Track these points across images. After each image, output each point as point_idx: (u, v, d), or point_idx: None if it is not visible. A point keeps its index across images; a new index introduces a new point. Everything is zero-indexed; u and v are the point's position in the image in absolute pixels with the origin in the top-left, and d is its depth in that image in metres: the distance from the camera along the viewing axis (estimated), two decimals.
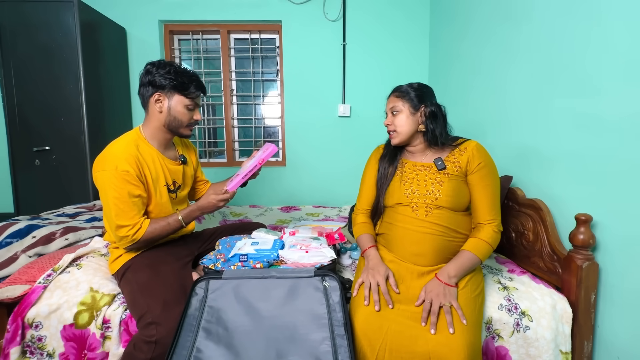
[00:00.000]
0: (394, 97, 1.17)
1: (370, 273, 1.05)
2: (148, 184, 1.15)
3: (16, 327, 1.06)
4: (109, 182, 1.06)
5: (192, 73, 1.18)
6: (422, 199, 1.09)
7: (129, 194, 1.07)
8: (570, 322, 1.10)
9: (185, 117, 1.18)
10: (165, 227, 1.15)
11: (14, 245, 1.34)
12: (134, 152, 1.12)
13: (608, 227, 1.08)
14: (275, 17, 2.60)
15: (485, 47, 1.79)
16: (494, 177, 1.10)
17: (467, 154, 1.10)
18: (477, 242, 1.06)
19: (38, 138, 2.17)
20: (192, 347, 0.89)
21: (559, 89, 1.27)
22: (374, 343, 0.93)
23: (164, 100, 1.15)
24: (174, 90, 1.14)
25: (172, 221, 1.16)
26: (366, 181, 1.27)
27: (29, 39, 2.09)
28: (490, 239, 1.06)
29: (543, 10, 1.36)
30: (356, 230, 1.24)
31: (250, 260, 1.12)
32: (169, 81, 1.13)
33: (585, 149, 1.15)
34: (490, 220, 1.08)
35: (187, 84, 1.15)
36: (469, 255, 1.04)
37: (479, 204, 1.09)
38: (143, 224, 1.11)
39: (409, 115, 1.13)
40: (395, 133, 1.16)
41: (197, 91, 1.18)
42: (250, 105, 2.84)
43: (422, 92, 1.15)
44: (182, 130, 1.21)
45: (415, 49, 2.62)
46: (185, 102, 1.16)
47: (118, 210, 1.06)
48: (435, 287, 0.99)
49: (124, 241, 1.10)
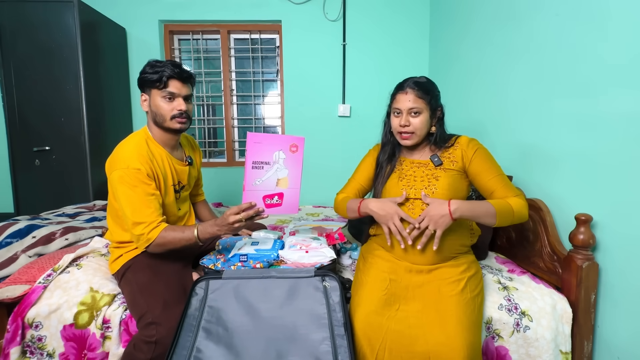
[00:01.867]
0: (413, 95, 1.07)
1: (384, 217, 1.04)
2: (159, 183, 1.14)
3: (16, 327, 1.06)
4: (121, 181, 1.05)
5: (168, 62, 1.12)
6: (419, 194, 1.09)
7: (142, 192, 1.06)
8: (570, 322, 1.10)
9: (165, 110, 1.13)
10: (179, 235, 1.06)
11: (14, 245, 1.34)
12: (144, 150, 1.11)
13: (608, 227, 1.08)
14: (275, 17, 2.60)
15: (486, 47, 1.79)
16: (492, 158, 1.10)
17: (460, 148, 1.11)
18: (500, 200, 1.02)
19: (38, 138, 2.17)
20: (192, 347, 0.89)
21: (559, 89, 1.27)
22: (373, 343, 0.93)
23: (146, 99, 1.16)
24: (150, 86, 1.13)
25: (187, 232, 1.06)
26: (358, 174, 1.27)
27: (29, 39, 2.09)
28: (514, 204, 1.01)
29: (543, 11, 1.35)
30: (338, 203, 1.23)
31: (250, 260, 1.12)
32: (144, 77, 1.12)
33: (586, 149, 1.15)
34: (515, 194, 1.04)
35: (157, 74, 1.10)
36: (485, 203, 1.00)
37: (493, 185, 1.05)
38: (160, 224, 1.06)
39: (429, 118, 1.09)
40: (414, 135, 1.10)
41: (168, 79, 1.11)
42: (250, 105, 2.84)
43: (437, 92, 1.11)
44: (169, 123, 1.14)
45: (415, 48, 2.62)
46: (161, 94, 1.12)
47: (133, 208, 1.04)
48: (437, 210, 0.97)
49: (141, 241, 1.05)
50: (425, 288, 1.03)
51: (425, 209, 1.00)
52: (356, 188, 1.25)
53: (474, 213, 0.98)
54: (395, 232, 1.03)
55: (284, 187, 1.12)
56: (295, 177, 1.13)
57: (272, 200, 1.11)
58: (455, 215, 0.97)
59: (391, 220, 1.04)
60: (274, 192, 1.11)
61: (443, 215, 0.97)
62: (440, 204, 0.98)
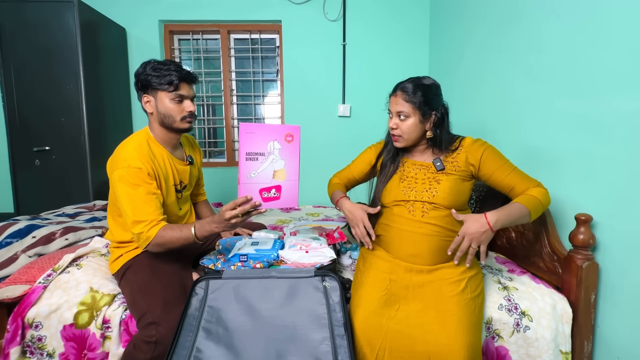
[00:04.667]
0: (401, 99, 1.06)
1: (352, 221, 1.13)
2: (160, 182, 1.14)
3: (16, 327, 1.06)
4: (123, 180, 1.05)
5: (173, 63, 1.13)
6: (419, 196, 1.09)
7: (144, 191, 1.05)
8: (570, 322, 1.10)
9: (175, 111, 1.14)
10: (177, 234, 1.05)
11: (14, 245, 1.34)
12: (145, 150, 1.11)
13: (608, 227, 1.08)
14: (275, 17, 2.60)
15: (485, 48, 1.79)
16: (501, 155, 1.09)
17: (464, 152, 1.10)
18: (526, 196, 1.01)
19: (38, 138, 2.17)
20: (192, 347, 0.89)
21: (560, 90, 1.27)
22: (373, 343, 0.93)
23: (151, 100, 1.14)
24: (156, 88, 1.12)
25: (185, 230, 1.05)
26: (356, 164, 1.30)
27: (29, 39, 2.09)
28: (539, 195, 1.00)
29: (543, 11, 1.35)
30: (331, 187, 1.30)
31: (250, 260, 1.12)
32: (150, 79, 1.11)
33: (586, 149, 1.15)
34: (535, 185, 1.04)
35: (165, 77, 1.10)
36: (518, 206, 0.99)
37: (511, 181, 1.05)
38: (159, 223, 1.05)
39: (418, 123, 1.07)
40: (401, 138, 1.10)
41: (179, 81, 1.11)
42: (250, 105, 2.84)
43: (433, 96, 1.06)
44: (178, 124, 1.16)
45: (415, 48, 2.62)
46: (170, 96, 1.13)
47: (134, 207, 1.04)
48: (476, 227, 0.96)
49: (141, 239, 1.05)
50: (425, 288, 1.03)
51: (462, 228, 0.98)
52: (348, 177, 1.31)
53: (511, 219, 0.98)
54: (360, 236, 1.11)
55: (281, 180, 1.08)
56: (293, 169, 1.09)
57: (270, 193, 1.07)
58: (495, 227, 0.96)
59: (356, 225, 1.12)
60: (271, 185, 1.07)
61: (485, 232, 0.96)
62: (476, 220, 0.97)
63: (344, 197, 1.20)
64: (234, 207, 0.99)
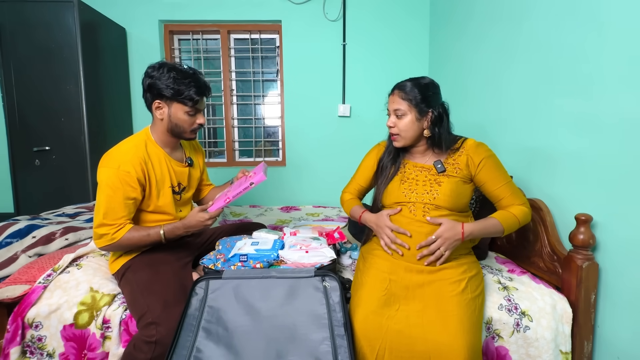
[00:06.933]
0: (398, 97, 1.09)
1: (378, 232, 1.13)
2: (151, 185, 1.14)
3: (16, 327, 1.06)
4: (108, 180, 1.06)
5: (193, 76, 1.13)
6: (420, 198, 1.09)
7: (123, 195, 1.07)
8: (570, 322, 1.10)
9: (187, 124, 1.16)
10: (144, 237, 1.10)
11: (14, 245, 1.34)
12: (141, 153, 1.12)
13: (608, 227, 1.08)
14: (275, 17, 2.60)
15: (485, 48, 1.79)
16: (500, 166, 1.10)
17: (465, 154, 1.10)
18: (506, 213, 1.07)
19: (38, 138, 2.16)
20: (192, 347, 0.89)
21: (559, 89, 1.27)
22: (373, 343, 0.93)
23: (164, 108, 1.13)
24: (173, 98, 1.11)
25: (153, 233, 1.11)
26: (360, 172, 1.30)
27: (29, 39, 2.09)
28: (519, 214, 1.06)
29: (543, 11, 1.35)
30: (346, 205, 1.30)
31: (250, 260, 1.12)
32: (167, 89, 1.09)
33: (586, 149, 1.15)
34: (520, 203, 1.08)
35: (185, 90, 1.10)
36: (494, 222, 1.05)
37: (501, 194, 1.08)
38: (125, 226, 1.08)
39: (415, 120, 1.08)
40: (399, 137, 1.11)
41: (198, 97, 1.12)
42: (250, 105, 2.84)
43: (430, 93, 1.07)
44: (187, 135, 1.19)
45: (416, 49, 2.62)
46: (185, 109, 1.13)
47: (108, 208, 1.06)
48: (452, 234, 1.01)
49: (103, 239, 1.07)
50: (425, 288, 1.03)
51: (439, 230, 1.02)
52: (357, 189, 1.31)
53: (484, 232, 1.05)
54: (389, 244, 1.10)
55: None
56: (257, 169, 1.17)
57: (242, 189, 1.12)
58: (466, 238, 1.03)
59: (384, 233, 1.11)
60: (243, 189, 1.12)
61: (456, 240, 1.02)
62: (453, 228, 1.02)
63: (364, 211, 1.20)
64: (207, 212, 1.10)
